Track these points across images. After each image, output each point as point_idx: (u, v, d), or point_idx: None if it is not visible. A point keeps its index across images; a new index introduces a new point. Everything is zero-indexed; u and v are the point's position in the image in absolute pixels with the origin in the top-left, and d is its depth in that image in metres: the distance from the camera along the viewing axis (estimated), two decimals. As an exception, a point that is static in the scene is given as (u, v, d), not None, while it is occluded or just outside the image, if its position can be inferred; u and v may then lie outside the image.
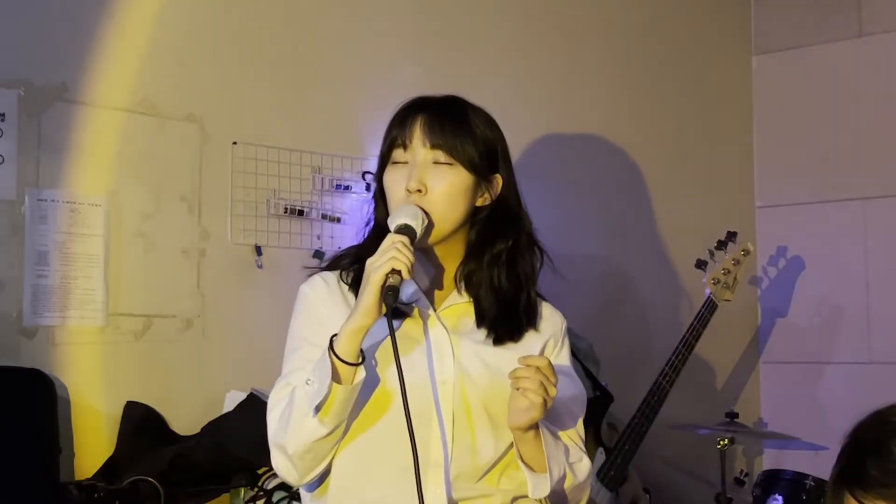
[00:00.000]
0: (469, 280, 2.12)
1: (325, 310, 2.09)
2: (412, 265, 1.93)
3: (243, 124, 3.29)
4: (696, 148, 4.55)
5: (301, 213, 3.36)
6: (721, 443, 3.58)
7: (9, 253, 2.89)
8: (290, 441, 1.97)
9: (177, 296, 3.16)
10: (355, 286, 2.05)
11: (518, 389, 1.94)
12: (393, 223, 2.00)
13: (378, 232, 2.10)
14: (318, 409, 1.92)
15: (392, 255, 1.91)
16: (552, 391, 1.94)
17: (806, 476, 3.54)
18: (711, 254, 3.86)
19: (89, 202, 3.01)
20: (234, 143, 3.27)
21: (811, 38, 4.64)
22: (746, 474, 4.09)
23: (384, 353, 2.00)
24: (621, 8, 4.34)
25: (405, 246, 1.93)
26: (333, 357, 1.92)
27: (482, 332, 2.10)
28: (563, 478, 2.06)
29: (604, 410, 3.51)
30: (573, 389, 2.17)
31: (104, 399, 3.00)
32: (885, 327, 4.39)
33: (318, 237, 3.40)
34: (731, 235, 3.91)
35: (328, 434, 1.96)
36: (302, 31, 3.45)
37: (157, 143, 3.15)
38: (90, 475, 2.90)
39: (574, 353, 3.33)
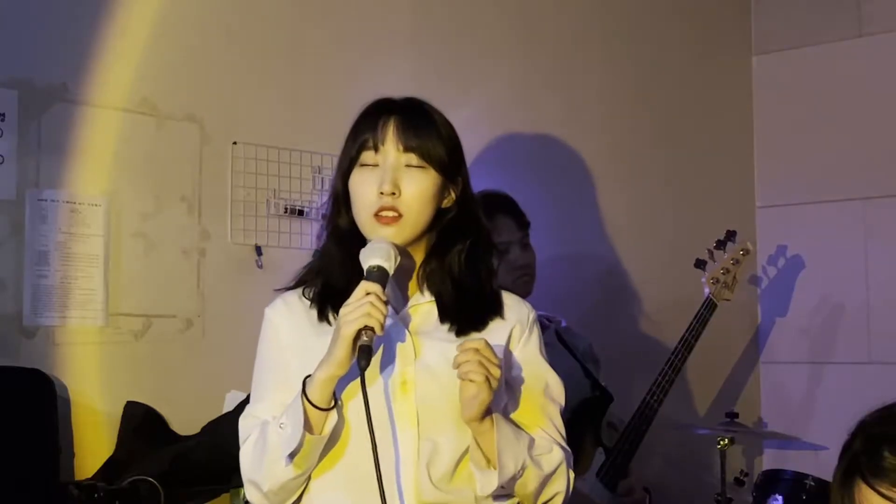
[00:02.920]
0: (430, 279, 2.12)
1: (286, 335, 2.12)
2: (385, 319, 1.94)
3: (243, 124, 3.29)
4: (696, 148, 4.55)
5: (301, 213, 3.36)
6: (721, 443, 3.57)
7: (9, 253, 2.89)
8: (264, 481, 2.03)
9: (177, 296, 3.16)
10: (317, 301, 2.09)
11: (463, 379, 1.95)
12: (365, 263, 2.00)
13: (338, 239, 2.13)
14: (291, 456, 1.97)
15: (366, 312, 1.92)
16: (495, 371, 1.94)
17: (806, 476, 3.53)
18: (711, 253, 3.86)
19: (89, 202, 3.01)
20: (234, 143, 3.27)
21: (811, 38, 4.64)
22: (746, 474, 4.07)
23: (351, 386, 2.01)
24: (621, 8, 4.34)
25: (378, 299, 1.93)
26: (306, 402, 1.95)
27: (446, 327, 2.10)
28: (522, 470, 2.03)
29: (603, 410, 3.50)
30: (549, 378, 2.16)
31: (104, 399, 3.00)
32: (885, 327, 4.39)
33: (318, 237, 3.39)
34: (731, 235, 3.91)
35: (301, 475, 2.02)
36: (302, 31, 3.45)
37: (156, 143, 3.15)
38: (90, 475, 2.90)
39: (573, 353, 3.37)
